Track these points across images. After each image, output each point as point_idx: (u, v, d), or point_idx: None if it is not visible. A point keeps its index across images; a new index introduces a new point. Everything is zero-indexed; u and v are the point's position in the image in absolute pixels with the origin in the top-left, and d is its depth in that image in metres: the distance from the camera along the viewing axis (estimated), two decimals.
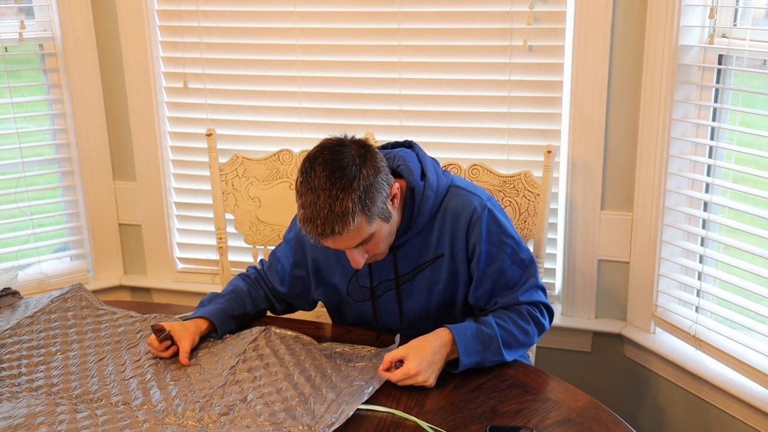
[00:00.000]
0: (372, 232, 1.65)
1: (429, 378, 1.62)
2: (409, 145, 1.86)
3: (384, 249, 1.75)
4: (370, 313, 1.90)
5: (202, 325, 1.83)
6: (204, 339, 1.83)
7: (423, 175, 1.78)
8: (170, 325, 1.77)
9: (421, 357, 1.63)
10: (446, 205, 1.80)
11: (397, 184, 1.71)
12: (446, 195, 1.81)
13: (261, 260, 2.09)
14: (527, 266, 1.82)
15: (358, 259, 1.68)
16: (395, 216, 1.73)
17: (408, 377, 1.62)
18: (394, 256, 1.82)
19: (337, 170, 1.59)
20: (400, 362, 1.65)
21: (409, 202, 1.76)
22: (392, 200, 1.70)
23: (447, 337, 1.68)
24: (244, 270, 2.10)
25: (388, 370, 1.65)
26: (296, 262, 1.94)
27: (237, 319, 1.90)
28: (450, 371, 1.68)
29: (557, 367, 2.56)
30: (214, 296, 1.93)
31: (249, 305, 1.95)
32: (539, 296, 1.82)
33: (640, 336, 2.44)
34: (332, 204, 1.58)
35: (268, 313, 2.42)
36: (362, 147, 1.66)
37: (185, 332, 1.77)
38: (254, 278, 2.02)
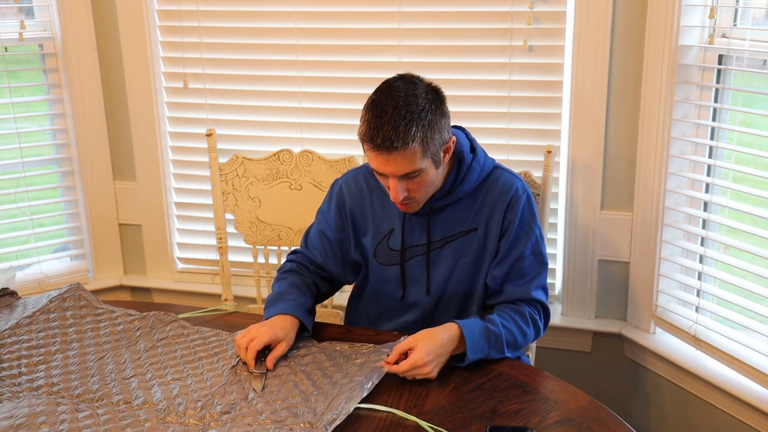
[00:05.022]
0: (422, 167, 1.71)
1: (433, 370, 1.65)
2: (458, 128, 1.94)
3: (422, 197, 1.79)
4: (392, 278, 1.92)
5: (291, 322, 1.78)
6: (204, 339, 1.83)
7: (472, 150, 1.87)
8: (260, 334, 1.70)
9: (429, 348, 1.65)
10: (489, 183, 1.87)
11: (453, 139, 1.78)
12: (490, 174, 1.88)
13: (294, 249, 2.06)
14: (542, 263, 1.88)
15: (399, 193, 1.73)
16: (441, 171, 1.79)
17: (415, 367, 1.63)
18: (428, 222, 1.86)
19: (410, 96, 1.69)
20: (405, 356, 1.66)
21: (455, 170, 1.83)
22: (445, 152, 1.76)
23: (455, 332, 1.70)
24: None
25: (396, 362, 1.66)
26: (338, 227, 1.97)
27: (311, 313, 1.88)
28: (454, 364, 1.70)
29: (557, 367, 2.56)
30: (280, 294, 1.86)
31: (310, 296, 1.92)
32: (543, 297, 1.87)
33: (640, 336, 2.44)
34: (398, 122, 1.65)
35: None
36: (435, 90, 1.76)
37: (283, 335, 1.73)
38: (298, 268, 1.98)
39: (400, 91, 1.69)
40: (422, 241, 1.88)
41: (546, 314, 1.87)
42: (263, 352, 1.70)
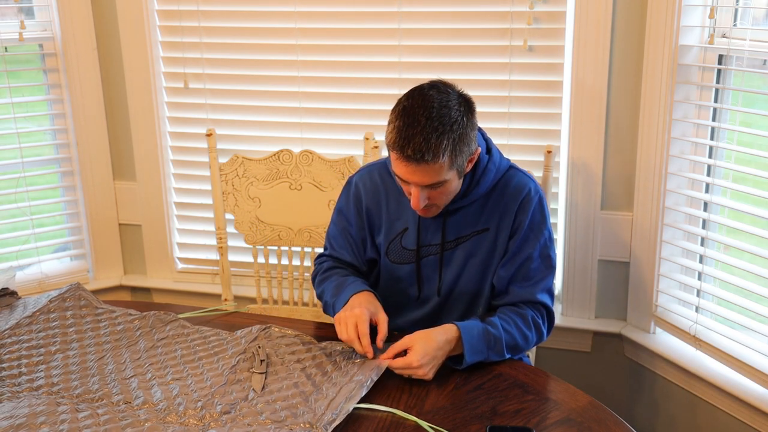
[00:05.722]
0: (447, 178, 1.70)
1: (429, 372, 1.64)
2: None
3: (442, 204, 1.79)
4: (403, 276, 1.92)
5: (369, 295, 1.80)
6: (204, 339, 1.83)
7: (488, 150, 1.84)
8: (358, 316, 1.70)
9: (425, 350, 1.64)
10: (503, 183, 1.86)
11: (479, 150, 1.77)
12: (504, 174, 1.87)
13: (319, 254, 2.06)
14: (550, 266, 1.86)
15: (420, 202, 1.72)
16: (462, 179, 1.78)
17: (409, 368, 1.64)
18: (444, 223, 1.85)
19: (444, 107, 1.66)
20: (403, 353, 1.66)
21: (471, 171, 1.82)
22: (469, 162, 1.75)
23: (454, 334, 1.69)
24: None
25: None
26: (359, 226, 1.96)
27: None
28: (452, 366, 1.70)
29: (557, 367, 2.56)
30: (339, 285, 1.87)
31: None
32: (549, 300, 1.86)
33: (640, 336, 2.44)
34: (429, 134, 1.63)
35: (268, 312, 2.43)
36: (467, 100, 1.74)
37: (375, 309, 1.75)
38: (336, 264, 1.98)
39: (433, 101, 1.66)
40: (436, 241, 1.88)
41: (550, 318, 1.86)
42: (258, 346, 1.70)
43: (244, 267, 2.80)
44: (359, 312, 1.71)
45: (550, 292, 1.86)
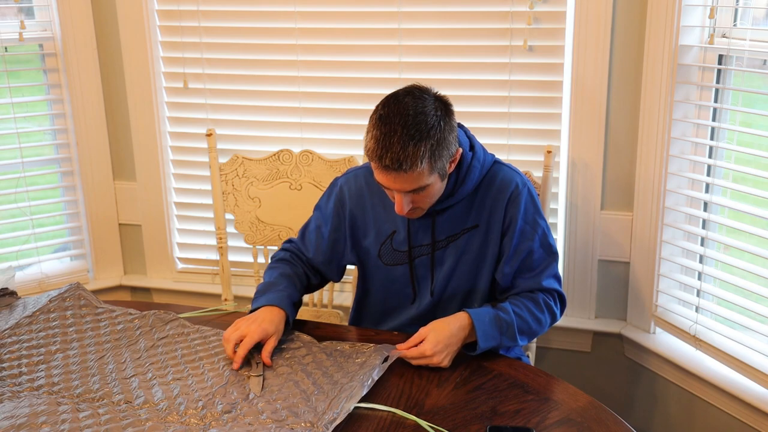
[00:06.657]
0: (429, 183, 1.70)
1: (443, 360, 1.67)
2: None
3: (426, 206, 1.79)
4: (398, 278, 1.92)
5: (279, 314, 1.78)
6: (204, 339, 1.83)
7: (471, 147, 1.84)
8: (251, 332, 1.70)
9: (438, 339, 1.68)
10: (489, 179, 1.86)
11: (460, 150, 1.77)
12: (489, 170, 1.87)
13: (289, 238, 2.07)
14: (552, 253, 1.88)
15: (404, 207, 1.73)
16: (445, 180, 1.78)
17: (423, 357, 1.67)
18: (433, 223, 1.86)
19: (420, 114, 1.66)
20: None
21: (455, 170, 1.82)
22: (451, 163, 1.75)
23: (466, 321, 1.73)
24: (271, 253, 2.08)
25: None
26: (335, 227, 1.96)
27: (296, 306, 1.89)
28: (467, 353, 1.73)
29: (557, 367, 2.56)
30: (269, 285, 1.88)
31: (299, 287, 1.93)
32: (556, 285, 1.88)
33: (640, 336, 2.44)
34: (406, 143, 1.63)
35: None
36: (443, 103, 1.73)
37: (273, 329, 1.74)
38: (291, 257, 1.99)
39: (408, 108, 1.66)
40: (427, 241, 1.88)
41: (562, 300, 1.88)
42: (252, 350, 1.71)
43: (244, 267, 2.80)
44: (253, 329, 1.70)
45: (557, 278, 1.88)
